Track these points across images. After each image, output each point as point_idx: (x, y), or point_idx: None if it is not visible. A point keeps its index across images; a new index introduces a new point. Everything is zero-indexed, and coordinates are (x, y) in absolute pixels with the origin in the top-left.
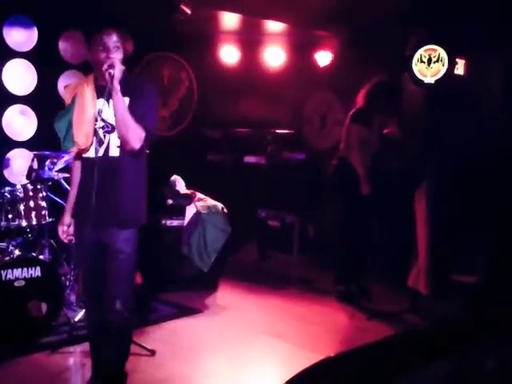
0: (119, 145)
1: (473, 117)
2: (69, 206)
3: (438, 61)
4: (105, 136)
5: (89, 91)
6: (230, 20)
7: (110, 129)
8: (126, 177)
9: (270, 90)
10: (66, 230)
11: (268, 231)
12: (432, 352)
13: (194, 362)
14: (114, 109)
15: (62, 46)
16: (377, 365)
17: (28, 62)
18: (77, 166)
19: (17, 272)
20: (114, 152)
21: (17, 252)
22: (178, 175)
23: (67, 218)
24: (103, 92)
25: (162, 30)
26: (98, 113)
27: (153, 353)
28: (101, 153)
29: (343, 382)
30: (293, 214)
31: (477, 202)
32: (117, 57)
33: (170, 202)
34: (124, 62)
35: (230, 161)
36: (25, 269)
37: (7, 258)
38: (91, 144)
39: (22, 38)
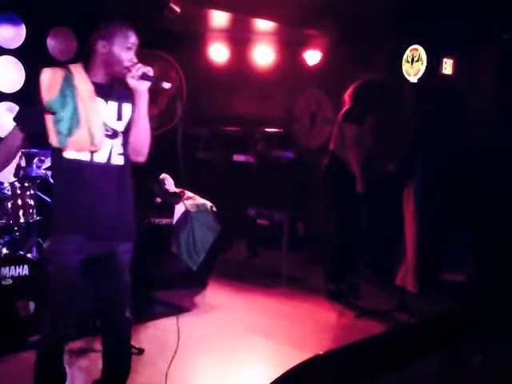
0: (122, 153)
1: (460, 116)
2: None
3: (418, 60)
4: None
5: (90, 87)
6: (219, 18)
7: (111, 133)
8: (128, 188)
9: (260, 88)
10: None
11: (257, 229)
12: (420, 349)
13: (183, 361)
14: (139, 118)
15: (51, 42)
16: (366, 362)
17: (16, 60)
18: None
19: (4, 270)
20: (118, 160)
21: (4, 250)
22: (167, 174)
23: None
24: (99, 90)
25: (151, 28)
26: None
27: (141, 351)
28: (100, 158)
29: (332, 379)
30: (282, 212)
31: (464, 201)
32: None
33: (158, 200)
34: None
35: (219, 159)
36: (12, 267)
37: None
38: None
39: (10, 34)
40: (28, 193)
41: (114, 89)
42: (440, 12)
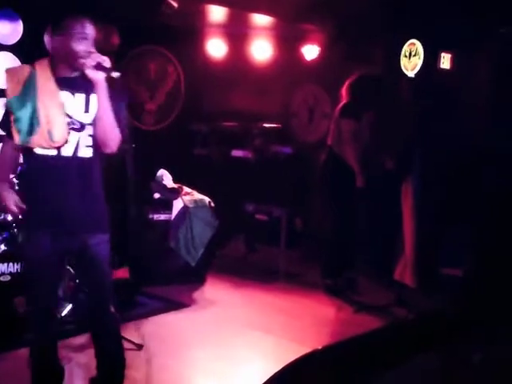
0: (91, 145)
1: (458, 111)
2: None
3: (415, 55)
4: (69, 133)
5: (52, 83)
6: (216, 13)
7: (78, 127)
8: (97, 179)
9: (258, 83)
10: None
11: (255, 225)
12: (418, 345)
13: (182, 356)
14: (100, 108)
15: (48, 39)
16: (364, 357)
17: (13, 56)
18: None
19: (2, 267)
20: (86, 153)
21: (2, 247)
22: (165, 169)
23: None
24: (65, 84)
25: (149, 23)
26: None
27: (140, 347)
28: (67, 152)
29: (330, 374)
30: (280, 207)
31: (462, 196)
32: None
33: (157, 196)
34: (110, 55)
35: (217, 155)
36: (11, 263)
37: None
38: (66, 142)
39: (7, 31)
40: None
41: (80, 81)
42: (438, 6)
